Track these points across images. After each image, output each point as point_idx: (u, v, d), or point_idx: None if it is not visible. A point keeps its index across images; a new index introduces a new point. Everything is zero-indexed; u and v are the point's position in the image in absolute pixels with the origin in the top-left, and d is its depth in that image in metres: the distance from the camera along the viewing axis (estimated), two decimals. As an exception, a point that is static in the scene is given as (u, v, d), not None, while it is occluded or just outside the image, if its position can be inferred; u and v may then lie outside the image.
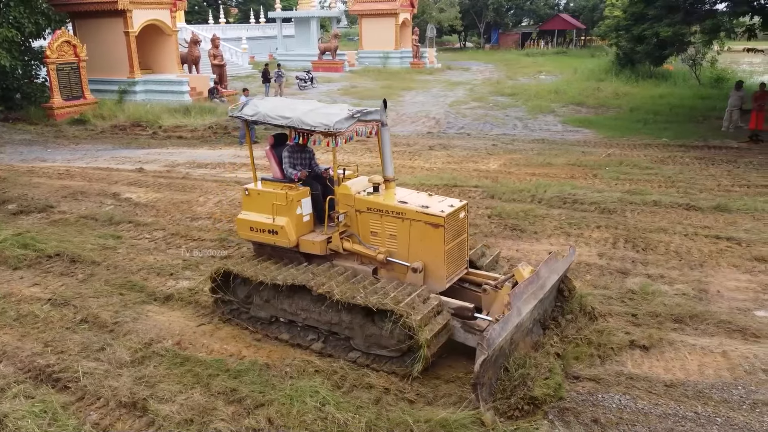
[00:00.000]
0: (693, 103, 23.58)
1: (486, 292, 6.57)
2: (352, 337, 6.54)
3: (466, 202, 6.96)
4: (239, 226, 7.51)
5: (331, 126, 6.48)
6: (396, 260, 6.72)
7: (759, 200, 11.64)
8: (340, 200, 6.92)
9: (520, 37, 66.74)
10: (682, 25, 18.06)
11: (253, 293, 7.17)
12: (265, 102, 7.40)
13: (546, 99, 26.07)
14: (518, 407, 5.43)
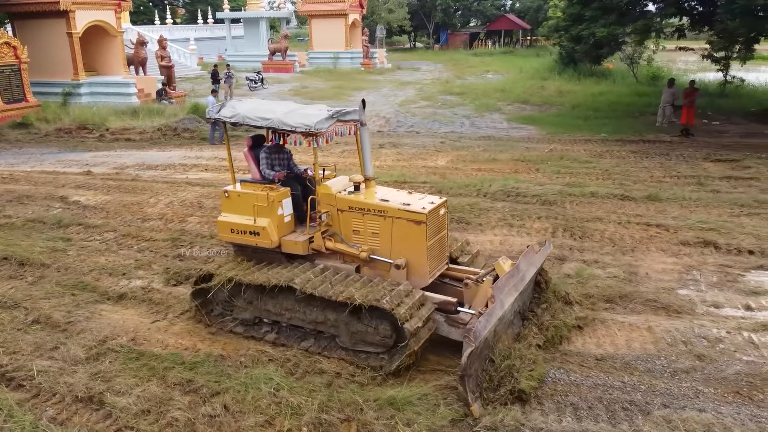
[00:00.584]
0: (631, 100, 24.70)
1: (468, 287, 6.75)
2: (337, 335, 6.62)
3: (446, 198, 7.11)
4: (219, 229, 7.46)
5: (312, 126, 6.54)
6: (379, 258, 6.79)
7: (687, 190, 12.46)
8: (322, 200, 6.98)
9: (469, 37, 67.94)
10: (616, 26, 18.97)
11: (236, 296, 7.14)
12: (243, 103, 7.41)
13: (492, 97, 26.80)
14: (506, 401, 5.64)
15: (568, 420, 5.49)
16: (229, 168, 7.79)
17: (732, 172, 13.97)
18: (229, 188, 7.42)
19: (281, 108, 7.07)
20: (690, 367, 6.29)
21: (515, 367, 5.86)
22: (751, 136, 18.29)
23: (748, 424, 5.40)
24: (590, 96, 25.84)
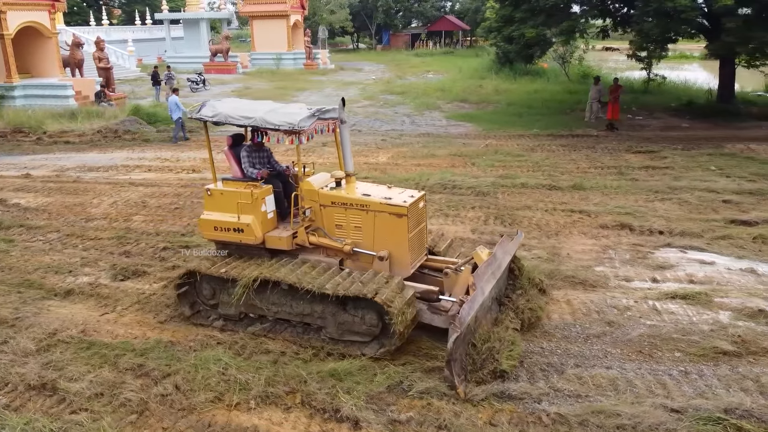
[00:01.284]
0: (562, 97, 25.96)
1: (447, 276, 7.09)
2: (324, 326, 6.82)
3: (425, 192, 7.47)
4: (202, 227, 7.53)
5: (296, 124, 6.70)
6: (362, 250, 7.01)
7: (608, 179, 13.46)
8: (305, 196, 7.14)
9: (410, 38, 69.00)
10: (544, 27, 20.01)
11: (220, 292, 7.30)
12: (224, 103, 7.50)
13: (432, 96, 27.61)
14: (487, 379, 6.00)
15: (491, 382, 6.10)
16: (210, 166, 7.86)
17: (650, 162, 15.09)
18: (211, 186, 7.48)
19: (263, 107, 7.24)
20: (601, 333, 7.04)
21: (495, 349, 6.22)
22: (669, 129, 19.66)
23: (647, 377, 6.16)
24: (525, 94, 26.99)
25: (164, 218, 11.48)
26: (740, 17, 17.22)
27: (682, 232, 10.04)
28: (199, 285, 7.44)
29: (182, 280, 7.42)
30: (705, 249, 9.39)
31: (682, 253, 9.29)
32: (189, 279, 7.41)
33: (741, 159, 15.10)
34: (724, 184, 12.79)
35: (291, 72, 40.49)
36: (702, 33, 20.34)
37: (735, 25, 16.75)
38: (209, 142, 7.78)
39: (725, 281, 8.31)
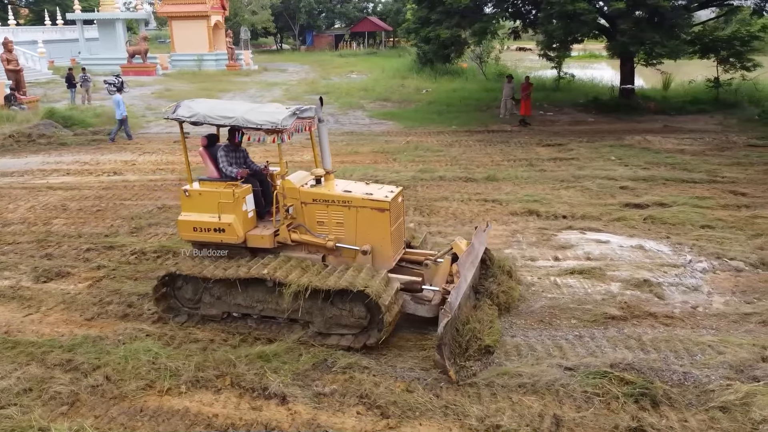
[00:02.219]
0: (480, 95, 27.12)
1: (428, 267, 7.37)
2: (311, 321, 6.91)
3: (402, 187, 7.73)
4: (180, 228, 7.45)
5: (279, 123, 6.73)
6: (345, 245, 7.13)
7: (519, 170, 14.40)
8: (287, 194, 7.19)
9: (334, 38, 69.39)
10: (458, 28, 20.95)
11: (201, 292, 7.29)
12: (199, 103, 7.41)
13: (356, 96, 28.14)
14: (476, 357, 6.38)
15: (400, 360, 6.65)
16: (186, 167, 7.77)
17: (558, 154, 16.20)
18: (189, 187, 7.45)
19: (241, 107, 7.26)
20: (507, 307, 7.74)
21: (476, 329, 6.58)
22: (577, 124, 21.05)
23: (546, 342, 6.89)
24: (445, 93, 28.00)
25: (86, 220, 11.40)
26: (633, 19, 18.71)
27: (582, 216, 11.01)
28: (178, 287, 7.43)
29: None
30: (602, 230, 10.36)
31: (581, 234, 10.21)
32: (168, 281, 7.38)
33: (638, 149, 16.48)
34: (621, 172, 13.99)
35: (213, 73, 39.98)
36: (602, 33, 21.86)
37: (628, 26, 18.20)
38: (185, 142, 7.72)
39: (617, 257, 9.25)
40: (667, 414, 5.57)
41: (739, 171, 14.06)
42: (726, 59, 22.28)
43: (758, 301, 7.77)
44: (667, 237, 9.99)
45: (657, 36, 18.27)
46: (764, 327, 7.12)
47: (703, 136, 18.31)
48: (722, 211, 11.21)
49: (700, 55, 22.54)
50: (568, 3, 17.04)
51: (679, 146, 16.90)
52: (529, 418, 5.53)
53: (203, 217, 7.28)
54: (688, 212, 10.95)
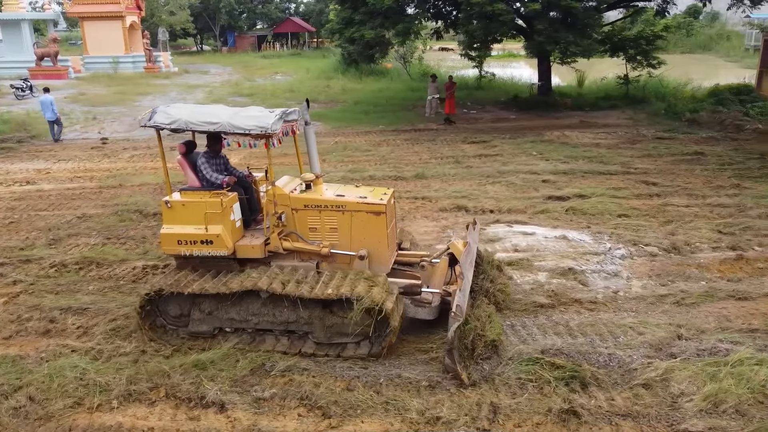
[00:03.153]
0: (405, 94, 27.47)
1: (424, 269, 7.25)
2: (311, 331, 6.67)
3: (394, 189, 7.56)
4: (164, 242, 7.01)
5: (269, 127, 6.47)
6: (340, 251, 6.91)
7: (447, 167, 14.71)
8: (278, 201, 6.89)
9: (257, 39, 68.27)
10: (382, 29, 21.16)
11: (190, 308, 6.93)
12: (177, 108, 6.97)
13: (282, 97, 27.82)
14: (484, 355, 6.28)
15: (339, 359, 6.67)
16: (165, 178, 7.35)
17: (483, 150, 16.66)
18: (170, 198, 7.00)
19: (223, 111, 6.89)
20: (441, 301, 7.91)
21: (477, 327, 6.42)
22: (499, 121, 21.71)
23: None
24: (371, 92, 28.17)
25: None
26: (548, 20, 19.51)
27: (509, 210, 11.39)
28: (163, 304, 7.04)
29: None
30: (527, 222, 10.76)
31: (508, 227, 10.57)
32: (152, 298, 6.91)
33: (557, 144, 17.20)
34: (543, 166, 14.57)
35: (131, 76, 38.42)
36: (520, 33, 22.67)
37: (544, 27, 18.98)
38: (163, 151, 7.22)
39: (543, 248, 9.64)
40: (595, 394, 5.88)
41: (649, 162, 14.95)
42: (634, 57, 23.68)
43: (672, 283, 8.31)
44: (587, 227, 10.50)
45: (570, 36, 19.14)
46: (678, 307, 7.63)
47: (616, 130, 19.33)
48: (636, 200, 11.90)
49: (611, 54, 23.82)
50: (487, 4, 17.57)
51: (594, 140, 17.76)
52: (467, 407, 5.69)
53: (188, 229, 6.87)
54: (605, 203, 11.55)
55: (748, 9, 21.52)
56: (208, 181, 7.09)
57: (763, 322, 7.16)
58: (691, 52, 47.26)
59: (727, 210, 11.17)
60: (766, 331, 6.97)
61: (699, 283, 8.31)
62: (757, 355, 6.35)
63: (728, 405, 5.65)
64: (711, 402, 5.69)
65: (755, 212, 10.93)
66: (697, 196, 12.05)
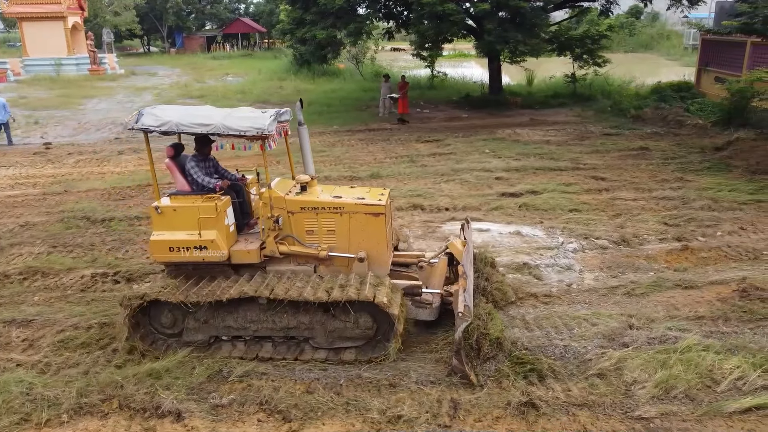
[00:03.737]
0: (358, 95, 27.44)
1: (422, 269, 7.20)
2: (312, 336, 6.56)
3: (390, 189, 7.43)
4: (154, 249, 6.73)
5: (265, 129, 6.30)
6: (339, 254, 6.78)
7: (402, 167, 14.77)
8: (274, 204, 6.71)
9: (206, 40, 67.00)
10: (333, 29, 21.09)
11: (184, 318, 6.68)
12: (165, 110, 6.70)
13: (233, 99, 27.37)
14: (489, 354, 6.23)
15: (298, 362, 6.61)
16: (153, 182, 7.05)
17: (437, 149, 16.79)
18: (161, 203, 6.71)
19: (215, 112, 6.69)
20: (400, 299, 7.91)
21: (479, 326, 6.29)
22: (452, 120, 21.93)
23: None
24: (324, 93, 28.02)
25: (-66, 245, 10.20)
26: (497, 20, 19.84)
27: (463, 207, 11.51)
28: (153, 314, 6.77)
29: None
30: (482, 219, 10.89)
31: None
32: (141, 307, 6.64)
33: (509, 142, 17.49)
34: (496, 163, 14.79)
35: (75, 78, 37.12)
36: (470, 33, 22.96)
37: (493, 26, 19.28)
38: (151, 154, 6.92)
39: (498, 244, 9.77)
40: (552, 386, 5.99)
41: (597, 158, 15.36)
42: (580, 56, 24.33)
43: (622, 274, 8.56)
44: (540, 222, 10.71)
45: (519, 35, 19.50)
46: (629, 298, 7.86)
47: (565, 127, 19.80)
48: (586, 195, 12.21)
49: (558, 53, 24.40)
50: (437, 4, 17.73)
51: (544, 137, 18.15)
52: (428, 405, 5.72)
53: (180, 236, 6.61)
54: (557, 198, 11.81)
55: (686, 9, 22.38)
56: (199, 185, 6.89)
57: (708, 309, 7.44)
58: (634, 51, 48.83)
59: (672, 202, 11.58)
60: (712, 318, 7.25)
61: (648, 273, 8.58)
62: (703, 341, 6.60)
63: (678, 390, 5.85)
64: (662, 388, 5.88)
65: (698, 204, 11.36)
66: (643, 190, 12.45)
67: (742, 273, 8.38)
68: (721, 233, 9.99)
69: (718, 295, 7.79)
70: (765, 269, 8.56)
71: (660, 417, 5.53)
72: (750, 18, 14.01)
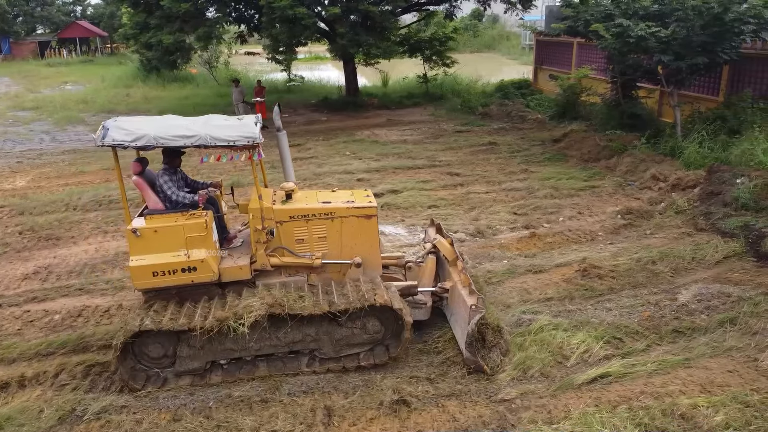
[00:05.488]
0: (213, 101, 26.47)
1: (411, 269, 7.22)
2: (318, 348, 6.41)
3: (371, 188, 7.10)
4: (136, 275, 6.10)
5: (256, 137, 5.96)
6: (333, 261, 6.64)
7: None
8: (265, 215, 6.40)
9: (38, 46, 61.10)
10: (181, 33, 20.17)
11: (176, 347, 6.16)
12: (135, 122, 6.11)
13: (74, 109, 25.29)
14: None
15: (161, 390, 6.28)
16: (123, 203, 6.40)
17: (298, 153, 16.65)
18: (138, 225, 6.14)
19: (193, 123, 6.21)
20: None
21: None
22: (311, 123, 21.91)
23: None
24: (176, 100, 26.73)
25: None
26: (349, 23, 20.13)
27: (327, 211, 11.53)
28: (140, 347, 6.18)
29: None
30: (346, 222, 10.99)
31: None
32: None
33: (368, 143, 17.83)
34: (357, 165, 15.02)
35: None
36: (324, 37, 23.08)
37: (345, 30, 19.54)
38: (120, 172, 6.25)
39: (363, 245, 9.92)
40: (422, 381, 6.21)
41: (451, 155, 16.14)
42: (430, 58, 25.39)
43: (480, 264, 9.06)
44: (402, 220, 11.04)
45: (371, 38, 19.91)
46: (488, 286, 8.27)
47: (420, 126, 20.56)
48: (443, 191, 12.78)
49: (409, 55, 25.26)
50: (288, 8, 17.59)
51: (401, 137, 18.72)
52: (302, 416, 5.69)
53: (165, 258, 6.10)
54: (416, 196, 12.25)
55: (520, 12, 24.16)
56: (174, 201, 6.44)
57: (556, 290, 8.11)
58: (479, 51, 51.83)
59: (519, 193, 12.47)
60: (559, 298, 7.92)
61: (502, 261, 9.16)
62: (553, 320, 7.19)
63: (534, 370, 6.33)
64: (520, 369, 6.33)
65: (541, 193, 12.34)
66: (493, 183, 13.28)
67: (582, 254, 9.23)
68: (562, 219, 10.93)
69: (563, 277, 8.51)
70: (600, 249, 9.50)
71: (520, 397, 5.94)
72: (574, 21, 15.42)
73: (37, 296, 8.41)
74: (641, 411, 5.57)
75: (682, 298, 7.76)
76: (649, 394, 5.84)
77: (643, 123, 15.56)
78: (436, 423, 5.61)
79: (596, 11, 14.37)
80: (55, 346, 7.00)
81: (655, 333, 6.99)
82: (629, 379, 6.11)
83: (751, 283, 8.08)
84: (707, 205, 10.53)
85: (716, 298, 7.68)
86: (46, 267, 9.36)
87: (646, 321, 7.24)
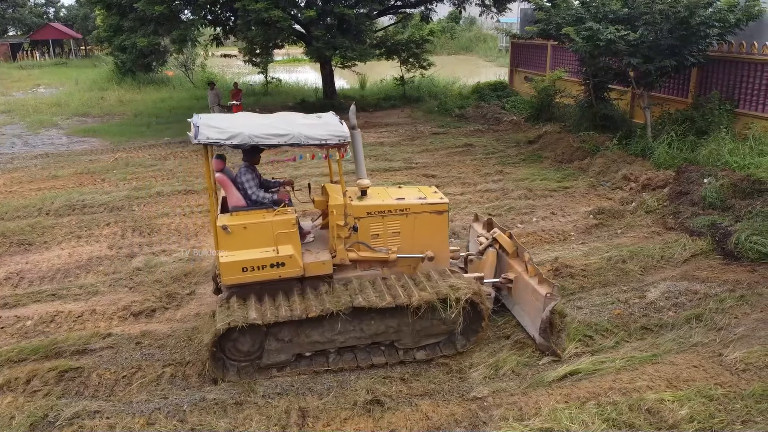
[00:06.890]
0: (190, 103, 26.31)
1: (472, 262, 7.71)
2: (398, 339, 6.60)
3: None
4: (226, 271, 6.23)
5: (345, 136, 6.21)
6: (407, 255, 6.91)
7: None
8: (341, 211, 6.60)
9: (9, 48, 60.04)
10: (156, 36, 20.03)
11: (264, 340, 6.32)
12: (224, 120, 6.25)
13: (47, 113, 24.95)
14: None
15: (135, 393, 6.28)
16: (210, 200, 6.50)
17: (275, 157, 16.65)
18: (228, 221, 6.33)
19: (281, 121, 6.41)
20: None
21: None
22: (289, 126, 21.86)
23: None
24: (152, 103, 26.55)
25: None
26: (325, 26, 20.16)
27: (304, 213, 11.54)
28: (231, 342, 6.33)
29: None
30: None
31: (305, 231, 10.73)
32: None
33: (346, 145, 17.84)
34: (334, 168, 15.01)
35: None
36: (300, 39, 23.08)
37: (321, 33, 19.57)
38: (210, 170, 6.43)
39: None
40: (395, 381, 6.28)
41: (428, 156, 16.26)
42: (407, 60, 25.52)
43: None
44: (378, 222, 11.09)
45: (347, 41, 19.97)
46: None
47: (397, 128, 20.67)
48: (419, 193, 12.85)
49: (386, 57, 25.38)
50: (264, 11, 17.57)
51: (379, 139, 18.81)
52: (276, 417, 5.72)
53: (254, 254, 6.28)
54: (393, 198, 12.30)
55: (495, 14, 24.41)
56: (254, 201, 6.68)
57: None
58: (456, 53, 52.23)
59: (494, 194, 12.63)
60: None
61: (476, 262, 9.26)
62: (525, 319, 7.28)
63: (506, 368, 6.44)
64: (493, 369, 6.43)
65: (516, 194, 12.51)
66: (469, 184, 13.42)
67: (555, 253, 9.39)
68: (536, 219, 11.09)
69: (535, 276, 8.64)
70: (572, 248, 9.68)
71: (492, 395, 6.04)
72: (546, 24, 15.65)
73: (8, 302, 8.33)
74: (609, 406, 5.71)
75: (650, 295, 7.95)
76: (617, 390, 5.99)
77: (615, 124, 15.86)
78: (410, 422, 5.69)
79: (567, 15, 14.59)
80: (26, 352, 6.93)
81: (624, 330, 7.16)
82: (598, 376, 6.25)
83: (717, 280, 8.31)
84: (676, 205, 10.78)
85: (683, 295, 7.90)
86: (18, 272, 9.26)
87: (617, 318, 7.41)
